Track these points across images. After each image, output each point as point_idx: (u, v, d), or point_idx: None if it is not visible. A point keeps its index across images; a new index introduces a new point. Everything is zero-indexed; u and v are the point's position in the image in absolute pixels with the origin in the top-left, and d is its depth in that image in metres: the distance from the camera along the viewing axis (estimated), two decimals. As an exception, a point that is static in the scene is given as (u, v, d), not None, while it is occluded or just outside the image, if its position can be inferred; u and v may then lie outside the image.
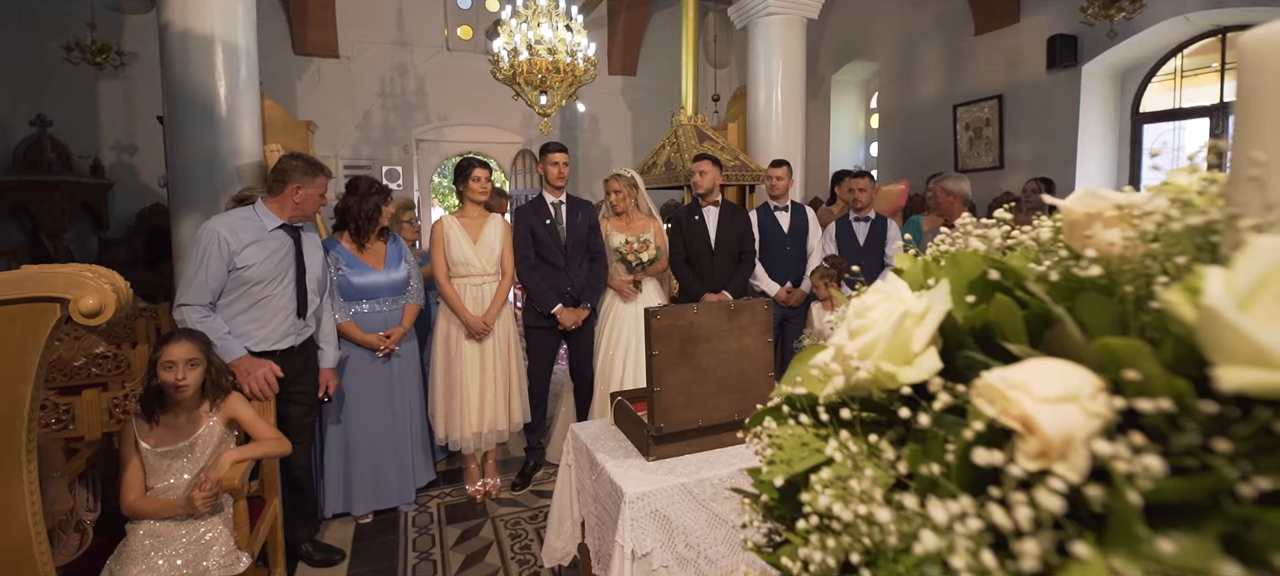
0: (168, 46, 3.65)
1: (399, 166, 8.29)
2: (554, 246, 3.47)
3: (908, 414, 0.31)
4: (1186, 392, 0.24)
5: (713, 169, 3.81)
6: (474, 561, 2.87)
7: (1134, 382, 0.25)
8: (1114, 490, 0.23)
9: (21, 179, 6.08)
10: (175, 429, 2.09)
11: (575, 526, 2.26)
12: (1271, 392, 0.22)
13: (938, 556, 0.25)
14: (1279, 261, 0.23)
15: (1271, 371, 0.22)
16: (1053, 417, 0.25)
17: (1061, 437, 0.25)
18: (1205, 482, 0.22)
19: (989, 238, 0.39)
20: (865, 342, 0.33)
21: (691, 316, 1.89)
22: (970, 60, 6.91)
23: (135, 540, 1.96)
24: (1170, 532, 0.22)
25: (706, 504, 1.82)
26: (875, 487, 0.29)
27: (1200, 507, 0.22)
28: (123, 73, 6.71)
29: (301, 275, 2.63)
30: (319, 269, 2.74)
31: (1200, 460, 0.23)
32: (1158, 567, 0.21)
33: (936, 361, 0.31)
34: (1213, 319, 0.23)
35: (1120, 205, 0.32)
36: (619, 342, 3.60)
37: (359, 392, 3.13)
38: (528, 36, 4.44)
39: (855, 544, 0.28)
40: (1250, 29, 0.32)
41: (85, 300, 1.37)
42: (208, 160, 3.68)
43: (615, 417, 2.21)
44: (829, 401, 0.35)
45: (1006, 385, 0.27)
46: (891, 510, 0.27)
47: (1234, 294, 0.23)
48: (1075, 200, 0.34)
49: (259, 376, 2.37)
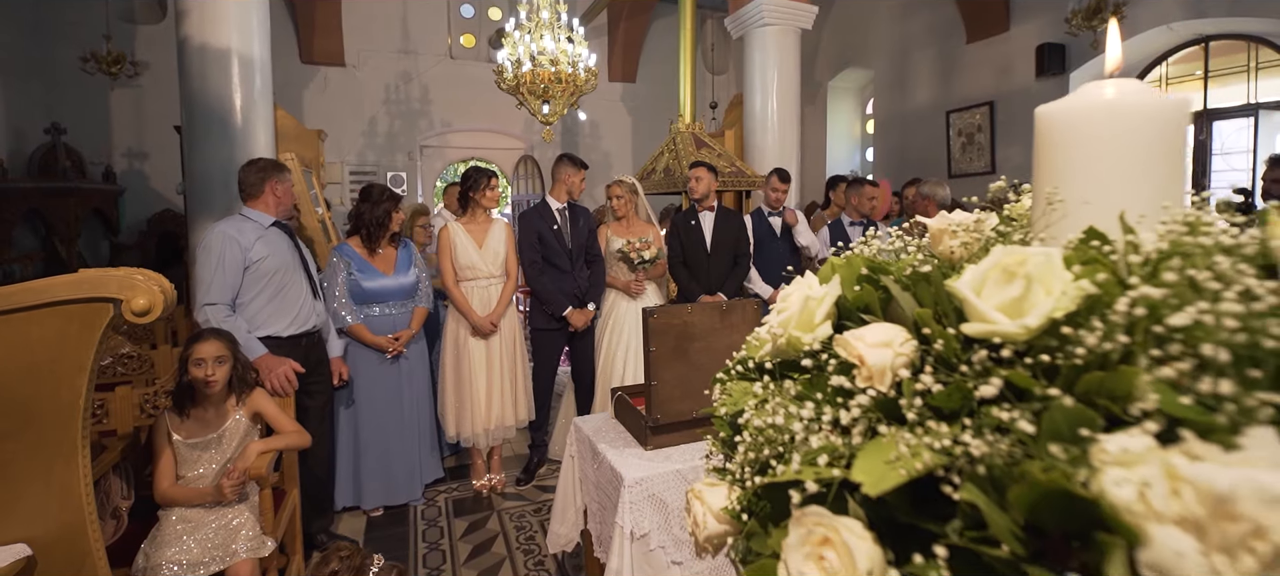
0: (186, 59, 3.80)
1: (403, 172, 8.45)
2: (561, 250, 3.61)
3: (810, 363, 0.45)
4: (950, 339, 0.38)
5: (708, 176, 3.96)
6: (481, 551, 3.01)
7: (929, 334, 0.39)
8: (906, 395, 0.38)
9: (38, 186, 6.24)
10: (204, 422, 2.23)
11: (578, 514, 2.40)
12: (987, 337, 0.36)
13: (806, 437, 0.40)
14: (995, 262, 0.37)
15: (987, 325, 0.36)
16: (874, 356, 0.40)
17: (879, 367, 0.39)
18: (958, 390, 0.36)
19: (891, 244, 0.53)
20: (783, 318, 0.48)
21: (686, 315, 2.04)
22: (962, 68, 7.06)
23: (168, 525, 2.10)
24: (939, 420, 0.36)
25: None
26: (780, 406, 0.43)
27: (957, 409, 0.37)
28: (135, 82, 6.87)
29: (304, 262, 2.86)
30: (314, 261, 2.99)
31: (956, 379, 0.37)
32: (928, 442, 0.35)
33: (829, 329, 0.45)
34: (962, 297, 0.37)
35: (955, 224, 0.47)
36: (620, 344, 3.74)
37: (369, 392, 3.28)
38: (531, 48, 4.60)
39: (768, 442, 0.42)
40: (1046, 105, 0.45)
41: (136, 300, 1.51)
42: (224, 169, 3.82)
43: (615, 411, 2.35)
44: (762, 361, 0.49)
45: (853, 338, 0.41)
46: (786, 416, 0.42)
47: (972, 283, 0.37)
48: (935, 221, 0.49)
49: (280, 373, 2.52)
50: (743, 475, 0.45)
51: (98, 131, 7.07)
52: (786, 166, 4.96)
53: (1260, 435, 0.27)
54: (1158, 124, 0.40)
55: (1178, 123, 0.41)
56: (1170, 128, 0.41)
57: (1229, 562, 0.24)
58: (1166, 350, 0.31)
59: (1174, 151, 0.41)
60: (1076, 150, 0.42)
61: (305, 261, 2.86)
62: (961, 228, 0.46)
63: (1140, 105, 0.41)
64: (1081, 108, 0.42)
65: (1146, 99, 0.41)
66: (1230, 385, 0.29)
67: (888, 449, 0.35)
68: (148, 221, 7.28)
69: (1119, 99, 0.41)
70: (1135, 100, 0.41)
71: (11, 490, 1.53)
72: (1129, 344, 0.32)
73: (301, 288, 2.80)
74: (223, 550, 2.07)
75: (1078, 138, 0.42)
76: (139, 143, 7.33)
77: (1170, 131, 0.41)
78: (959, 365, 0.37)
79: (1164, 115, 0.41)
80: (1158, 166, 0.40)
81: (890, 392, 0.39)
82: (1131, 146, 0.40)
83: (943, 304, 0.39)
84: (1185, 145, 0.42)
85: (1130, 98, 0.41)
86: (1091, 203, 0.40)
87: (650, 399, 2.02)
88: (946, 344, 0.38)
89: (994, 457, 0.32)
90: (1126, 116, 0.41)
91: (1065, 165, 0.42)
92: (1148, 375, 0.31)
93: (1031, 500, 0.29)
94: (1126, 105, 0.41)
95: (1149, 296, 0.32)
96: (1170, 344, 0.31)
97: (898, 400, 0.38)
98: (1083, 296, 0.34)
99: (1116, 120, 0.41)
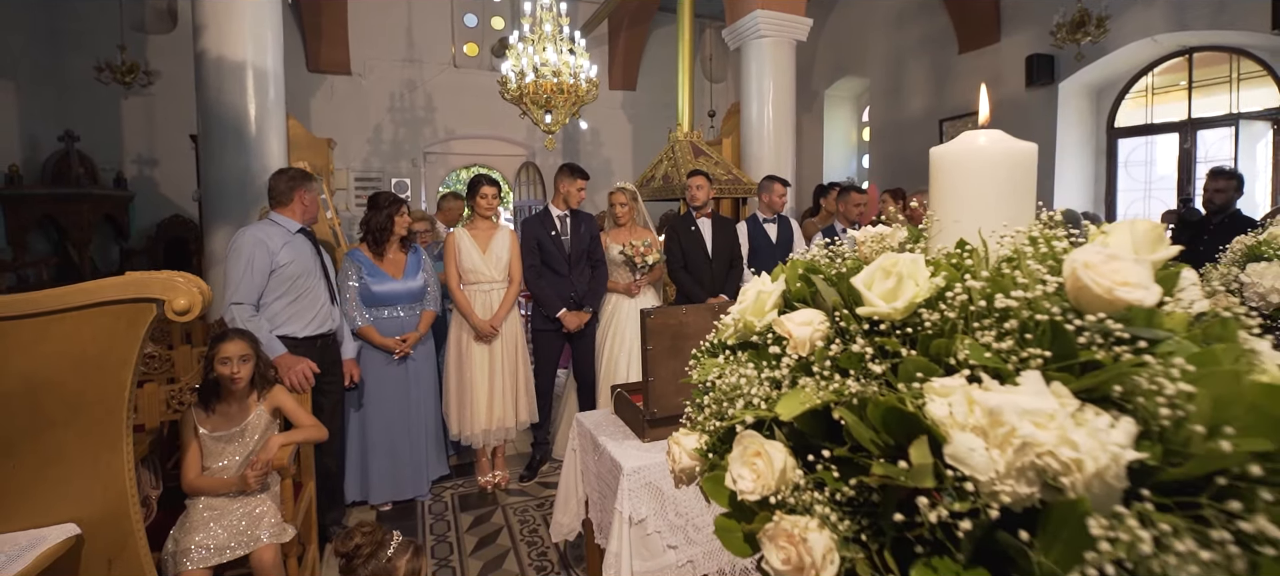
0: (204, 72, 3.96)
1: (407, 179, 8.61)
2: (558, 255, 3.76)
3: (757, 340, 0.59)
4: (849, 318, 0.52)
5: (706, 183, 4.11)
6: (486, 543, 3.15)
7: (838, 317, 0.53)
8: (816, 359, 0.52)
9: (52, 192, 6.39)
10: (228, 416, 2.37)
11: (579, 505, 2.53)
12: (871, 316, 0.51)
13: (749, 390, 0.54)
14: (878, 264, 0.51)
15: (872, 308, 0.50)
16: (799, 332, 0.54)
17: (801, 339, 0.54)
18: (855, 356, 0.50)
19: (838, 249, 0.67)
20: (742, 308, 0.62)
21: (681, 316, 2.18)
22: (954, 77, 7.22)
23: (196, 512, 2.24)
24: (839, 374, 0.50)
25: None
26: (734, 370, 0.57)
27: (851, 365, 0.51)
28: (146, 90, 7.03)
29: (325, 268, 3.01)
30: (333, 267, 3.13)
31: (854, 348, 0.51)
32: (834, 391, 0.49)
33: (777, 315, 0.60)
34: (857, 289, 0.51)
35: (871, 235, 0.61)
36: (622, 347, 3.89)
37: (378, 391, 3.42)
38: (534, 60, 4.76)
39: (725, 397, 0.57)
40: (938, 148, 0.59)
41: (178, 300, 1.66)
42: (239, 177, 3.98)
43: (615, 407, 2.49)
44: (726, 341, 0.63)
45: (785, 319, 0.55)
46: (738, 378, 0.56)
47: (864, 278, 0.52)
48: (860, 233, 0.63)
49: (298, 371, 2.66)
50: (707, 424, 0.59)
51: (109, 138, 7.23)
52: (782, 174, 5.11)
53: (1029, 376, 0.41)
54: (1014, 164, 0.55)
55: (1028, 162, 0.55)
56: (1023, 166, 0.55)
57: (999, 453, 0.38)
58: (982, 323, 0.45)
59: (1026, 184, 0.55)
60: (958, 182, 0.56)
61: (326, 267, 3.02)
62: (874, 238, 0.61)
63: (1002, 150, 0.55)
64: (961, 151, 0.56)
65: (1007, 146, 0.55)
66: (1012, 344, 0.43)
67: (801, 394, 0.50)
68: (157, 227, 7.43)
69: (988, 145, 0.55)
70: (998, 147, 0.55)
71: (63, 474, 1.67)
72: (957, 319, 0.46)
73: (320, 292, 2.96)
74: (247, 536, 2.21)
75: (959, 173, 0.56)
76: (149, 149, 7.50)
77: (1023, 169, 0.55)
78: (854, 336, 0.51)
79: (1018, 157, 0.55)
80: (1014, 195, 0.54)
81: (809, 357, 0.53)
82: (995, 180, 0.55)
83: (849, 294, 0.53)
84: (1034, 178, 0.56)
85: (996, 144, 0.55)
86: (961, 221, 0.54)
87: (647, 394, 2.16)
88: (846, 321, 0.52)
89: (865, 393, 0.46)
90: (992, 158, 0.55)
91: (950, 193, 0.56)
92: (967, 339, 0.45)
93: (881, 416, 0.43)
94: (993, 150, 0.55)
95: (971, 288, 0.46)
96: (983, 319, 0.45)
97: (812, 363, 0.52)
98: (934, 288, 0.48)
99: (984, 161, 0.55)
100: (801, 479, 0.48)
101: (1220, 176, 3.63)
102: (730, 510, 0.54)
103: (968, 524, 0.40)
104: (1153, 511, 0.37)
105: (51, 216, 6.53)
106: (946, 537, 0.41)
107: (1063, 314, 0.42)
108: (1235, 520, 0.36)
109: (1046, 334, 0.42)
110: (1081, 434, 0.37)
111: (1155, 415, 0.38)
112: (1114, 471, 0.36)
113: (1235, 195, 3.62)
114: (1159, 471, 0.38)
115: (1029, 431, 0.37)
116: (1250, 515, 0.35)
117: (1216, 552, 0.35)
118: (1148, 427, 0.39)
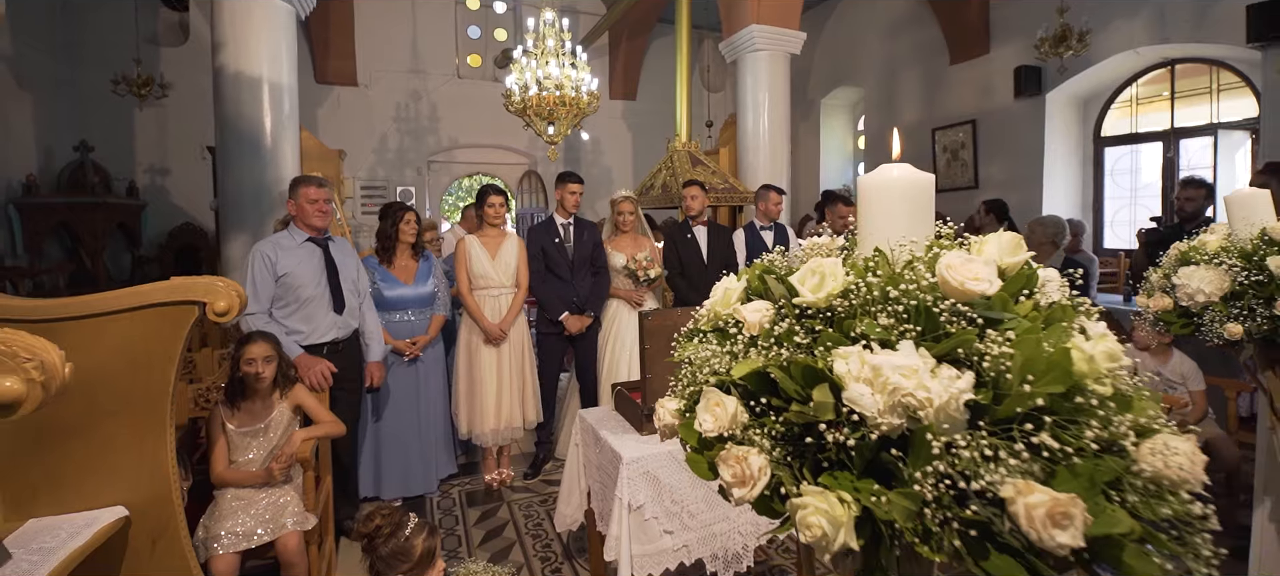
0: (221, 86, 4.14)
1: (412, 187, 8.80)
2: (562, 261, 3.94)
3: (723, 325, 0.76)
4: (788, 305, 0.69)
5: (702, 193, 4.29)
6: (493, 536, 3.31)
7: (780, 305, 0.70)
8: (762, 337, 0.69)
9: (67, 200, 6.58)
10: (253, 413, 2.54)
11: (582, 497, 2.70)
12: (802, 305, 0.67)
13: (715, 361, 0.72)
14: (808, 266, 0.67)
15: (803, 298, 0.66)
16: (751, 317, 0.70)
17: (753, 322, 0.70)
18: (787, 332, 0.67)
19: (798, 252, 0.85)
20: (712, 301, 0.79)
21: (677, 317, 2.35)
22: (946, 87, 7.41)
23: (224, 502, 2.40)
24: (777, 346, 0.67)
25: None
26: (707, 347, 0.74)
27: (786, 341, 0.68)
28: (158, 102, 7.22)
29: (334, 277, 3.07)
30: (352, 271, 3.19)
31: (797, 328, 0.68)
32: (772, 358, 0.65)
33: (739, 305, 0.76)
34: (793, 284, 0.68)
35: (815, 244, 0.78)
36: (622, 350, 4.05)
37: (389, 391, 3.58)
38: (537, 73, 4.94)
39: (701, 370, 0.73)
40: (865, 176, 0.76)
41: (218, 303, 1.83)
42: (254, 188, 4.17)
43: (615, 404, 2.66)
44: (701, 327, 0.81)
45: (743, 308, 0.72)
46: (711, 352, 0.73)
47: (799, 276, 0.68)
48: (808, 243, 0.80)
49: (317, 371, 2.83)
50: (684, 393, 0.76)
51: (122, 148, 7.43)
52: (778, 183, 5.29)
53: (905, 344, 0.58)
54: (917, 190, 0.72)
55: (927, 189, 0.72)
56: (924, 191, 0.72)
57: (882, 398, 0.55)
58: (877, 309, 0.62)
59: (925, 204, 0.72)
60: (877, 203, 0.73)
61: (337, 275, 3.09)
62: (816, 246, 0.78)
63: (908, 179, 0.72)
64: (879, 179, 0.73)
65: (911, 176, 0.72)
66: (894, 322, 0.60)
67: (750, 361, 0.66)
68: (168, 235, 7.61)
69: (898, 176, 0.72)
70: (906, 177, 0.72)
71: (113, 461, 1.84)
72: (859, 306, 0.63)
73: (324, 303, 3.03)
74: (273, 523, 2.37)
75: (878, 196, 0.73)
76: (161, 159, 7.69)
77: (924, 193, 0.72)
78: (786, 317, 0.68)
79: (920, 185, 0.72)
80: (916, 213, 0.71)
81: (758, 336, 0.69)
82: (902, 201, 0.71)
83: (789, 289, 0.70)
84: (932, 200, 0.72)
85: (904, 175, 0.72)
86: (878, 233, 0.71)
87: (645, 390, 2.33)
88: (785, 307, 0.69)
89: (793, 358, 0.63)
90: (900, 185, 0.72)
91: (872, 211, 0.73)
92: (865, 319, 0.61)
93: (801, 373, 0.60)
94: (901, 179, 0.72)
95: (871, 283, 0.63)
96: (878, 305, 0.62)
97: (759, 339, 0.69)
98: (846, 283, 0.65)
99: (895, 187, 0.72)
100: (748, 420, 0.65)
101: (1191, 186, 3.80)
102: (697, 446, 0.71)
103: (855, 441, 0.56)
104: (983, 434, 0.53)
105: (66, 224, 6.71)
106: (845, 456, 0.57)
107: (933, 301, 0.59)
108: (1032, 436, 0.52)
109: (921, 314, 0.59)
110: (934, 381, 0.53)
111: (986, 370, 0.55)
112: (955, 406, 0.53)
113: (1206, 204, 3.79)
114: (991, 409, 0.55)
115: (897, 380, 0.54)
116: (1038, 432, 0.52)
117: (1020, 461, 0.52)
118: (981, 378, 0.55)
